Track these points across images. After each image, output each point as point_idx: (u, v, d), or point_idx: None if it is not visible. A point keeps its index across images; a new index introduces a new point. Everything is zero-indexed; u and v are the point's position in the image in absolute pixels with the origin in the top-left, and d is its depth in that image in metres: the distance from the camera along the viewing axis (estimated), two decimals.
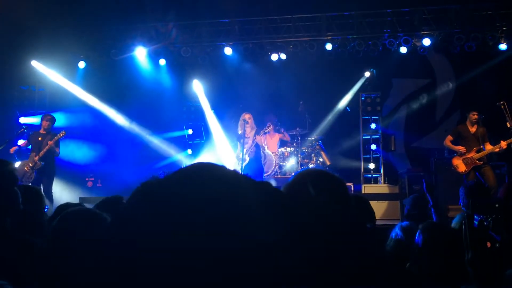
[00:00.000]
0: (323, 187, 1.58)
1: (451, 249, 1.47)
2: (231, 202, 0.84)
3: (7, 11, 9.68)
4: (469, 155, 8.83)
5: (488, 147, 8.74)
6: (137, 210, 0.85)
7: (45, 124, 9.40)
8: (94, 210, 2.36)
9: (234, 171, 0.94)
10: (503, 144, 8.50)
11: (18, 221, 2.48)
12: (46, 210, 3.06)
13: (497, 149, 8.61)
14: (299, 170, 1.70)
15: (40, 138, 9.24)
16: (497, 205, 1.31)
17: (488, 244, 1.27)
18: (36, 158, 9.07)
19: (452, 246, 1.42)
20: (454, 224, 3.31)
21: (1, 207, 2.39)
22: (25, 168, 9.09)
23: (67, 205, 3.13)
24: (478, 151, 8.77)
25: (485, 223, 1.23)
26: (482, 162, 8.76)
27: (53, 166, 9.42)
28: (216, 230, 0.80)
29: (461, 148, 8.81)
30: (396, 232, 3.34)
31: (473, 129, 8.91)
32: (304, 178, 1.62)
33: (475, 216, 1.30)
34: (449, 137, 9.11)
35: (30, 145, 9.34)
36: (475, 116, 8.87)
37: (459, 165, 8.94)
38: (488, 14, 10.44)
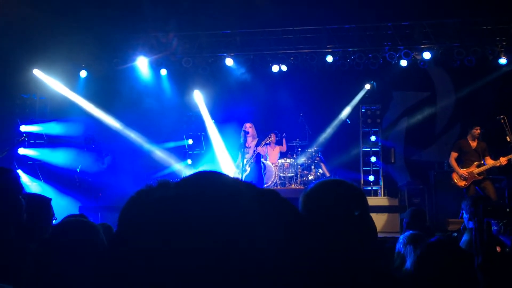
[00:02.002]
0: (342, 196, 1.59)
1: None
2: (231, 215, 0.83)
3: (10, 20, 9.73)
4: (469, 170, 8.85)
5: (489, 161, 8.79)
6: (133, 224, 0.84)
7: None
8: (89, 222, 2.38)
9: (237, 180, 0.93)
10: (503, 160, 8.58)
11: (22, 229, 2.48)
12: (54, 220, 3.04)
13: (498, 164, 8.66)
14: (318, 180, 1.71)
15: None
16: (508, 210, 1.31)
17: (498, 249, 1.27)
18: None
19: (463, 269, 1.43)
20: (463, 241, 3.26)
21: (5, 215, 2.38)
22: None
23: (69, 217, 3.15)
24: (478, 166, 8.81)
25: (495, 227, 1.25)
26: (482, 177, 8.79)
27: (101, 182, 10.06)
28: (216, 245, 0.79)
29: (464, 173, 8.83)
30: (403, 242, 3.29)
31: (474, 144, 8.96)
32: (324, 187, 1.63)
33: (485, 220, 1.30)
34: (454, 154, 9.11)
35: None
36: (478, 131, 8.92)
37: (459, 179, 8.97)
38: (488, 28, 10.51)
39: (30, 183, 10.89)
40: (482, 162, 8.85)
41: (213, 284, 0.78)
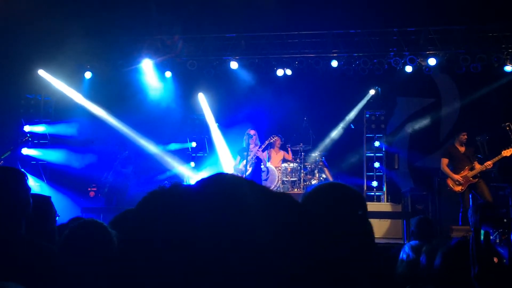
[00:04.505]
0: (340, 199, 1.58)
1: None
2: (242, 218, 0.85)
3: (15, 21, 9.78)
4: (463, 174, 8.89)
5: (477, 166, 8.88)
6: (148, 221, 0.85)
7: None
8: (102, 223, 2.45)
9: (251, 182, 0.94)
10: (488, 164, 8.69)
11: (29, 227, 2.54)
12: (57, 217, 3.10)
13: (484, 168, 8.73)
14: (316, 184, 1.70)
15: None
16: (505, 220, 1.29)
17: (495, 260, 1.25)
18: None
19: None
20: None
21: (15, 214, 2.44)
22: None
23: (76, 219, 3.19)
24: (471, 169, 8.88)
25: (492, 237, 1.23)
26: (476, 180, 8.84)
27: (123, 185, 10.04)
28: (228, 245, 0.80)
29: (459, 178, 8.87)
30: (408, 253, 3.26)
31: (462, 149, 9.11)
32: (322, 190, 1.63)
33: (482, 229, 1.29)
34: (445, 160, 9.20)
35: None
36: (465, 137, 9.16)
37: (455, 184, 9.01)
38: (493, 35, 10.50)
39: (33, 184, 10.92)
40: (473, 165, 8.92)
41: (222, 282, 0.80)
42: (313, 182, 10.51)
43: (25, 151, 11.53)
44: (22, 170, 2.68)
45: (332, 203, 1.62)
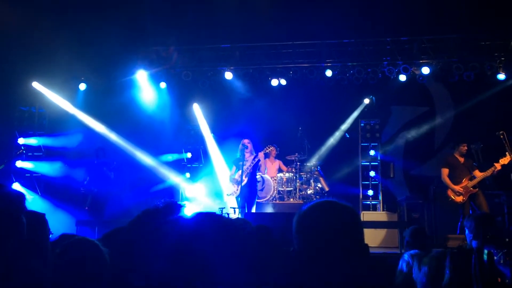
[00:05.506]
0: (333, 218, 1.58)
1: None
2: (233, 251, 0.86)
3: (10, 32, 9.76)
4: (463, 184, 8.89)
5: (478, 174, 8.87)
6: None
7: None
8: (95, 241, 2.43)
9: (244, 221, 0.97)
10: (498, 165, 8.58)
11: (21, 247, 2.47)
12: (50, 235, 3.05)
13: (490, 173, 8.68)
14: (311, 202, 1.70)
15: None
16: (507, 240, 1.28)
17: (499, 280, 1.25)
18: None
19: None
20: None
21: (4, 233, 2.37)
22: None
23: (65, 236, 3.14)
24: (470, 179, 8.87)
25: (496, 258, 1.23)
26: (476, 190, 8.84)
27: (107, 193, 9.94)
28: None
29: (460, 189, 8.86)
30: (408, 260, 3.23)
31: (462, 160, 9.09)
32: (317, 208, 1.63)
33: (485, 249, 1.29)
34: (445, 170, 9.17)
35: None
36: (466, 148, 9.12)
37: (455, 195, 8.98)
38: (486, 44, 10.57)
39: (27, 197, 10.83)
40: (472, 175, 8.92)
41: None
42: (309, 192, 10.52)
43: (20, 163, 11.47)
44: (20, 192, 2.58)
45: (328, 222, 1.62)
